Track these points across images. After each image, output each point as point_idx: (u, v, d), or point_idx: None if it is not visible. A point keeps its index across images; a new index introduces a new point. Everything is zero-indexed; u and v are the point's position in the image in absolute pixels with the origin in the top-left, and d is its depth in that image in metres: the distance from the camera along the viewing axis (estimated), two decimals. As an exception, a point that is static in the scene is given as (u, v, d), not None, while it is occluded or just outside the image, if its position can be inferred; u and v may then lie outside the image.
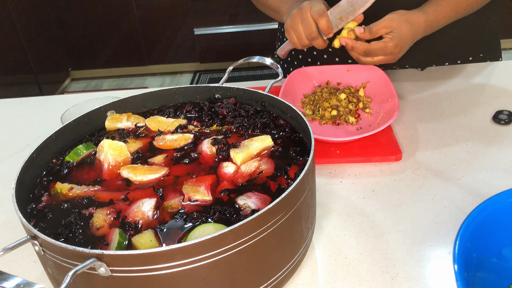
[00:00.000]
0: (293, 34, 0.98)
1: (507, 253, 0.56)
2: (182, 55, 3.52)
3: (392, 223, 0.74)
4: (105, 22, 3.35)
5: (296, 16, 0.96)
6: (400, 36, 0.93)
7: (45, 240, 0.50)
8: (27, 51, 3.04)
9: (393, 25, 0.92)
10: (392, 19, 0.93)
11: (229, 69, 0.92)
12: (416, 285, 0.64)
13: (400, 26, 0.93)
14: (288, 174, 0.66)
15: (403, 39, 0.94)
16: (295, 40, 0.99)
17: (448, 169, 0.84)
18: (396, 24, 0.92)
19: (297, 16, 0.96)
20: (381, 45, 0.94)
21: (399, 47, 0.94)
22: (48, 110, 1.19)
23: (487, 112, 0.99)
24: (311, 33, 0.95)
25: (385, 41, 0.93)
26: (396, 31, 0.93)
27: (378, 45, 0.94)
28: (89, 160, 0.72)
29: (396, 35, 0.93)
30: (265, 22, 3.28)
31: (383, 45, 0.94)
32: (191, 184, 0.64)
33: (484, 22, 1.14)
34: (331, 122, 0.99)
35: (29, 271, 0.71)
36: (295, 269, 0.63)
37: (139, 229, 0.59)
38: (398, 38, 0.93)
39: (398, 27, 0.92)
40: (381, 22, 0.93)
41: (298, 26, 0.96)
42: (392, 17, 0.93)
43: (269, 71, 3.39)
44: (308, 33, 0.96)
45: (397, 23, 0.92)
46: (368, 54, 0.96)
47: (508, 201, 0.55)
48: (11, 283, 0.46)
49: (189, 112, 0.83)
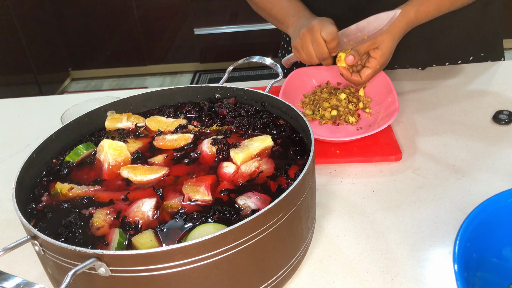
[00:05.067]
0: (303, 53, 0.97)
1: (507, 253, 0.56)
2: (182, 55, 3.52)
3: (392, 223, 0.74)
4: (105, 22, 3.35)
5: (306, 36, 0.94)
6: (385, 53, 0.94)
7: (45, 240, 0.50)
8: (27, 51, 3.04)
9: (377, 41, 0.93)
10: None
11: (229, 69, 0.92)
12: (416, 285, 0.64)
13: (383, 41, 0.93)
14: (288, 174, 0.66)
15: (387, 54, 0.94)
16: (305, 58, 0.98)
17: (448, 169, 0.84)
18: (380, 39, 0.93)
19: (307, 36, 0.94)
20: (370, 72, 0.95)
21: (385, 62, 0.96)
22: (48, 110, 1.19)
23: (487, 112, 0.99)
24: (323, 54, 0.94)
25: (372, 66, 0.94)
26: (381, 48, 0.93)
27: (368, 73, 0.95)
28: (89, 160, 0.73)
29: (381, 53, 0.93)
30: (265, 22, 3.25)
31: (372, 71, 0.95)
32: (191, 184, 0.64)
33: (485, 22, 1.14)
34: (331, 122, 0.99)
35: (29, 271, 0.71)
36: (295, 269, 0.63)
37: (139, 229, 0.59)
38: (382, 56, 0.94)
39: (382, 41, 0.93)
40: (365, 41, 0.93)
41: (309, 47, 0.95)
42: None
43: (269, 71, 3.39)
44: (319, 54, 0.95)
45: (380, 38, 0.93)
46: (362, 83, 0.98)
47: (508, 201, 0.55)
48: (11, 283, 0.46)
49: (189, 112, 0.83)
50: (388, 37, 0.93)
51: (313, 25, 0.93)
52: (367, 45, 0.93)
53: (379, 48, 0.93)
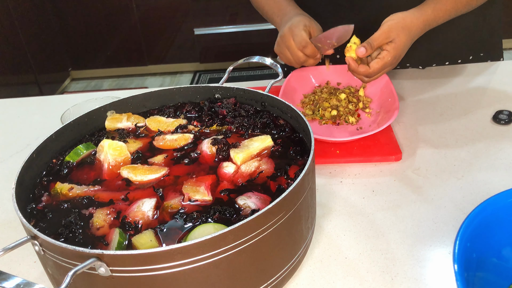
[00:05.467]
0: (284, 58, 1.01)
1: (507, 253, 0.56)
2: (182, 55, 3.52)
3: (392, 223, 0.74)
4: (105, 22, 3.35)
5: (281, 44, 0.99)
6: (398, 47, 0.90)
7: (45, 240, 0.50)
8: (27, 51, 3.04)
9: (392, 35, 0.89)
10: (390, 28, 0.89)
11: (229, 69, 0.92)
12: (416, 285, 0.64)
13: (399, 35, 0.90)
14: (288, 174, 0.66)
15: (401, 49, 0.91)
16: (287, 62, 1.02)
17: (448, 169, 0.84)
18: (395, 33, 0.89)
19: (282, 44, 0.98)
20: (380, 64, 0.91)
21: (397, 57, 0.92)
22: (48, 110, 1.19)
23: (487, 112, 0.99)
24: (299, 59, 0.99)
25: (383, 57, 0.90)
26: (395, 41, 0.90)
27: (378, 65, 0.91)
28: (89, 160, 0.72)
29: (394, 46, 0.90)
30: (265, 22, 3.25)
31: (383, 63, 0.91)
32: (191, 184, 0.64)
33: (485, 22, 1.14)
34: (331, 122, 0.99)
35: (29, 271, 0.71)
36: (295, 269, 0.63)
37: (139, 229, 0.59)
38: (396, 49, 0.90)
39: (397, 36, 0.90)
40: (379, 33, 0.90)
41: (286, 53, 0.99)
42: (390, 26, 0.90)
43: (269, 71, 3.39)
44: (296, 59, 0.99)
45: (395, 32, 0.89)
46: (369, 75, 0.93)
47: (508, 201, 0.55)
48: (11, 283, 0.46)
49: (189, 112, 0.83)
50: (403, 31, 0.90)
51: (284, 34, 0.97)
52: (381, 39, 0.90)
53: (393, 42, 0.90)
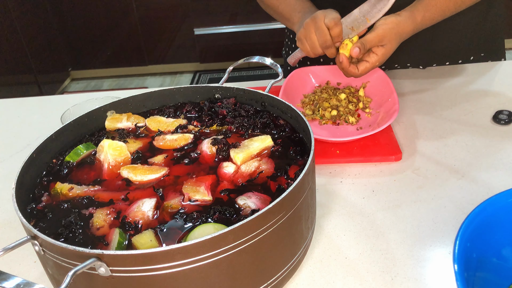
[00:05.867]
0: (306, 43, 0.98)
1: (507, 253, 0.56)
2: (182, 55, 3.52)
3: (392, 223, 0.74)
4: (105, 22, 3.35)
5: (309, 25, 0.95)
6: (388, 52, 0.94)
7: (45, 240, 0.50)
8: (27, 51, 3.04)
9: (385, 40, 0.92)
10: (384, 33, 0.92)
11: (229, 69, 0.92)
12: (416, 285, 0.64)
13: (391, 41, 0.92)
14: (288, 174, 0.66)
15: (389, 54, 0.94)
16: (308, 49, 0.98)
17: (448, 169, 0.84)
18: (388, 39, 0.92)
19: (311, 25, 0.95)
20: (368, 68, 0.94)
21: (384, 60, 0.95)
22: (48, 110, 1.19)
23: (487, 112, 0.99)
24: (325, 42, 0.95)
25: (373, 62, 0.94)
26: (386, 47, 0.93)
27: (366, 68, 0.94)
28: (89, 160, 0.72)
29: (385, 52, 0.93)
30: (265, 22, 3.28)
31: (371, 67, 0.94)
32: (191, 184, 0.64)
33: (487, 22, 1.14)
34: (331, 122, 0.99)
35: (29, 271, 0.71)
36: (295, 269, 0.63)
37: (139, 229, 0.59)
38: (385, 55, 0.94)
39: (389, 42, 0.92)
40: (374, 35, 0.92)
41: (312, 35, 0.96)
42: (384, 30, 0.92)
43: (269, 71, 3.39)
44: (322, 42, 0.95)
45: (388, 38, 0.92)
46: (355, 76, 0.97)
47: (508, 201, 0.55)
48: (11, 283, 0.46)
49: (189, 112, 0.83)
50: (395, 38, 0.93)
51: (316, 14, 0.94)
52: (374, 42, 0.92)
53: (384, 47, 0.93)
